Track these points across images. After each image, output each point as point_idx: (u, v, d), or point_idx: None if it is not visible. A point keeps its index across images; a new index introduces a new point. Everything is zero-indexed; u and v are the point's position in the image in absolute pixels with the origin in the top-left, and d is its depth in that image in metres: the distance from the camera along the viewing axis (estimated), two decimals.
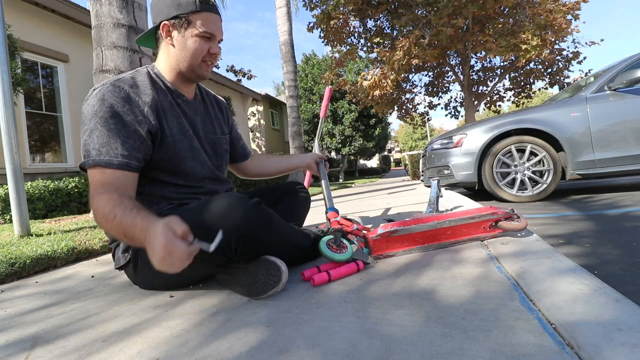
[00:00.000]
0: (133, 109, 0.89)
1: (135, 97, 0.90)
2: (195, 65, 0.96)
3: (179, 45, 0.95)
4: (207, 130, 1.09)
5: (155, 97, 0.94)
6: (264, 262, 0.85)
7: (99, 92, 0.88)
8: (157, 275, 0.93)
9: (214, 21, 0.95)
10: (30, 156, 5.07)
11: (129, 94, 0.89)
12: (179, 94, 1.02)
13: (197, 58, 0.95)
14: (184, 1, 0.91)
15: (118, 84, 0.90)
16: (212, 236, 0.74)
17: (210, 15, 0.94)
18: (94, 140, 0.85)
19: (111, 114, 0.86)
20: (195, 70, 0.98)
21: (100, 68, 2.75)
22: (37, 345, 0.70)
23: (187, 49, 0.94)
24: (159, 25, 0.95)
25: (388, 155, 34.45)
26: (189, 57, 0.95)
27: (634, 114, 2.68)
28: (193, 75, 0.99)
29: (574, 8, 6.55)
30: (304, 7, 8.18)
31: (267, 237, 0.88)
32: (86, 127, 0.87)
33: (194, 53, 0.95)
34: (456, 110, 10.68)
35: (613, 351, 0.46)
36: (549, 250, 0.93)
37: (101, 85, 0.90)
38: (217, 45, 0.98)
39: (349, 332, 0.62)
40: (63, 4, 5.30)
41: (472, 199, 2.65)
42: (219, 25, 0.96)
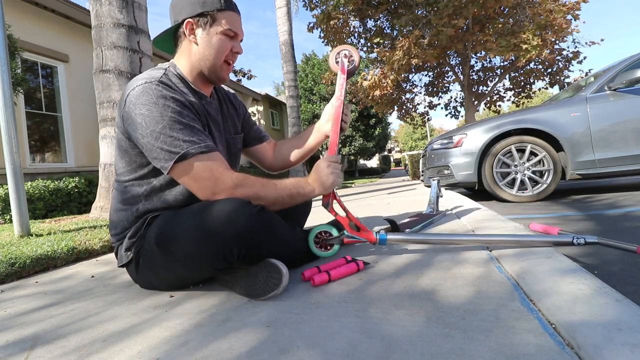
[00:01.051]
0: (189, 106, 0.90)
1: (177, 96, 0.89)
2: (218, 64, 0.96)
3: (204, 43, 0.94)
4: (225, 130, 1.10)
5: (187, 98, 0.93)
6: (264, 264, 0.85)
7: (153, 91, 0.85)
8: (158, 275, 0.94)
9: (237, 20, 0.96)
10: (30, 156, 5.07)
11: (174, 92, 0.89)
12: (202, 95, 1.01)
13: (220, 56, 0.95)
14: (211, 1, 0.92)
15: (165, 81, 0.89)
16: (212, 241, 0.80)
17: (234, 15, 0.95)
18: (179, 134, 0.84)
19: (181, 106, 0.87)
20: (216, 71, 0.97)
21: (100, 68, 2.75)
22: (37, 345, 0.70)
23: (211, 46, 0.94)
24: (181, 23, 0.94)
25: (388, 155, 34.46)
26: (214, 55, 0.95)
27: (634, 114, 2.68)
28: (214, 77, 0.98)
29: (574, 8, 6.55)
30: (304, 7, 8.19)
31: (269, 242, 0.88)
32: (154, 128, 0.83)
33: (218, 50, 0.94)
34: (456, 110, 10.68)
35: (613, 351, 0.46)
36: (549, 251, 0.93)
37: (146, 84, 0.86)
38: (239, 45, 0.99)
39: (349, 332, 0.62)
40: (63, 4, 5.30)
41: (472, 199, 2.65)
42: (240, 24, 0.98)
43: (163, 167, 0.85)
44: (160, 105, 0.85)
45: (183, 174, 0.86)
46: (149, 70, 0.96)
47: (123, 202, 0.98)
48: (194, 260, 0.84)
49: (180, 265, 0.87)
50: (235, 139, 1.14)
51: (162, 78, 0.90)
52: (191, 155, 0.84)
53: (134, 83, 0.88)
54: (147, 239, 0.90)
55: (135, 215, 0.96)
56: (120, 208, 0.98)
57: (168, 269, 0.90)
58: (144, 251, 0.91)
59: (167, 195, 0.96)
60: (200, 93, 1.00)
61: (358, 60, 1.17)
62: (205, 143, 0.87)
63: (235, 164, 1.15)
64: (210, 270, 0.88)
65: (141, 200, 0.95)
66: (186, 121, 0.86)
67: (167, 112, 0.85)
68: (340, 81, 1.14)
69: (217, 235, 0.79)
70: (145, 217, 0.95)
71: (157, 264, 0.90)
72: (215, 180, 0.85)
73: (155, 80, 0.88)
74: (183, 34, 0.96)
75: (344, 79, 1.15)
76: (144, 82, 0.87)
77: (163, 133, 0.83)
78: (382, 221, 1.93)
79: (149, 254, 0.90)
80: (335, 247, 1.09)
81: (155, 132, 0.84)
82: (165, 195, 0.96)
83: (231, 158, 1.11)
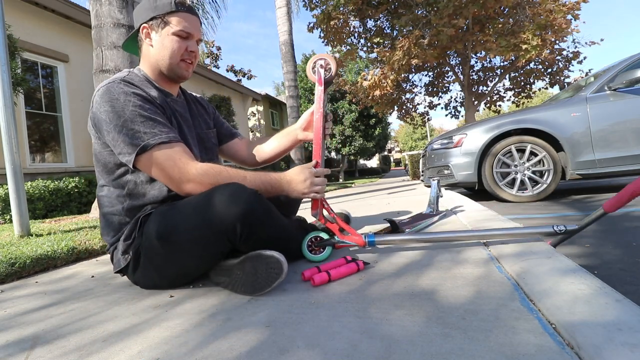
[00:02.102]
0: (151, 100, 0.93)
1: (141, 92, 0.93)
2: (174, 64, 1.00)
3: (157, 45, 0.99)
4: (195, 126, 1.12)
5: (151, 94, 0.97)
6: (262, 258, 0.85)
7: (115, 89, 0.90)
8: (160, 272, 0.94)
9: (190, 21, 0.99)
10: (30, 156, 5.07)
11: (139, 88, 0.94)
12: (167, 93, 1.05)
13: (174, 56, 0.99)
14: (160, 3, 0.97)
15: (127, 79, 0.94)
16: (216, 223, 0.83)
17: (186, 15, 0.98)
18: (140, 127, 0.87)
19: (142, 100, 0.90)
20: (174, 70, 1.01)
21: (100, 68, 2.75)
22: (37, 345, 0.70)
23: (164, 47, 0.98)
24: (139, 29, 1.00)
25: (388, 155, 34.46)
26: (168, 55, 0.99)
27: (634, 114, 2.68)
28: (173, 75, 1.02)
29: (574, 8, 6.55)
30: (304, 7, 8.18)
31: (269, 223, 0.92)
32: (123, 120, 0.87)
33: (171, 51, 0.98)
34: (456, 110, 10.67)
35: (613, 351, 0.46)
36: (549, 251, 0.93)
37: (109, 84, 0.92)
38: (195, 44, 1.01)
39: (349, 332, 0.62)
40: (63, 4, 5.30)
41: (472, 199, 2.65)
42: (195, 25, 1.00)
43: (128, 161, 0.88)
44: (122, 100, 0.89)
45: (148, 166, 0.89)
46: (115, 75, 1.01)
47: (108, 205, 0.99)
48: (197, 247, 0.87)
49: (184, 255, 0.89)
50: (208, 133, 1.18)
51: (124, 77, 0.95)
52: (151, 146, 0.87)
53: (99, 85, 0.94)
54: (145, 236, 0.91)
55: (124, 215, 0.97)
56: (107, 212, 1.00)
57: (171, 262, 0.91)
58: (143, 249, 0.92)
59: (151, 189, 0.97)
60: (165, 91, 1.04)
61: (335, 68, 1.15)
62: (167, 134, 0.90)
63: (213, 157, 1.18)
64: (213, 254, 0.90)
65: (126, 200, 0.97)
66: (147, 114, 0.90)
67: (129, 106, 0.88)
68: (318, 92, 1.12)
69: (220, 216, 0.83)
70: (137, 216, 0.95)
71: (159, 259, 0.91)
72: (179, 170, 0.88)
73: (117, 80, 0.92)
74: (142, 39, 1.02)
75: (321, 90, 1.12)
76: (107, 82, 0.92)
77: (125, 126, 0.87)
78: (382, 221, 1.93)
79: (149, 251, 0.91)
80: (327, 250, 1.11)
81: (117, 126, 0.88)
82: (149, 189, 0.97)
83: (207, 152, 1.14)
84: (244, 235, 0.86)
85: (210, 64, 14.47)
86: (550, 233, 1.03)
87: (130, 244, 0.94)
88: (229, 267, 0.90)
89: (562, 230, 1.02)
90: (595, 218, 0.99)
